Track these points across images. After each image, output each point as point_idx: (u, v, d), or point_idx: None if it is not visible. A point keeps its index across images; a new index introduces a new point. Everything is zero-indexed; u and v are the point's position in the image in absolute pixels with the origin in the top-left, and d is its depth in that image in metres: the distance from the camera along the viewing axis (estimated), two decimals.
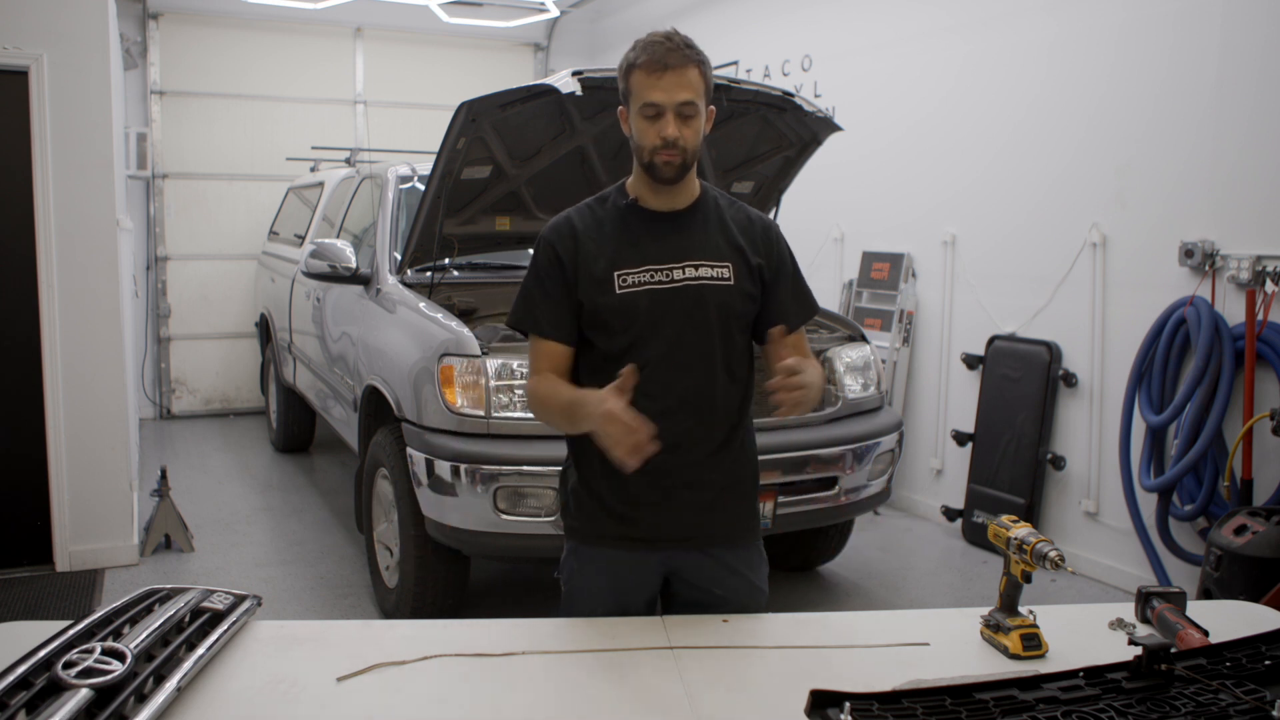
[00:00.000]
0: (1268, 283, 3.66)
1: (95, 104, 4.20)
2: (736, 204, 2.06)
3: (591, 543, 1.97)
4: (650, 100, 1.85)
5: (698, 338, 1.91)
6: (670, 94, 1.84)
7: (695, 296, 1.90)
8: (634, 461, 1.70)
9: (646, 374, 1.82)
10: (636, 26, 7.92)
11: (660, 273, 1.91)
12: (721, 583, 1.98)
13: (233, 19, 7.62)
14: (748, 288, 1.96)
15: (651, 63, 1.84)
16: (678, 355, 1.90)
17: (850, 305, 5.72)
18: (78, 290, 4.19)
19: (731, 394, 1.98)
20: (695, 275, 1.91)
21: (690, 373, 1.92)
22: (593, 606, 1.95)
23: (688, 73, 1.85)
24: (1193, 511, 3.90)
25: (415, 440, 3.44)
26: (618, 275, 1.90)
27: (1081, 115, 4.43)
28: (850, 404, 3.87)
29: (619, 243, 1.93)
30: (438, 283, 4.06)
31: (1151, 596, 1.84)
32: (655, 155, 1.87)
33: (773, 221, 2.08)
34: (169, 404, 7.77)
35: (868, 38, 5.69)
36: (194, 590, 1.75)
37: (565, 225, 1.96)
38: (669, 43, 1.86)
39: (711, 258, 1.93)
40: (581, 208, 2.00)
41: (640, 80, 1.86)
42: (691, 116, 1.87)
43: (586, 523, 1.97)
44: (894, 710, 1.23)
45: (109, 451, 4.31)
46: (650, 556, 1.95)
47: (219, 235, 7.76)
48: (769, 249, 2.01)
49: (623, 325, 1.90)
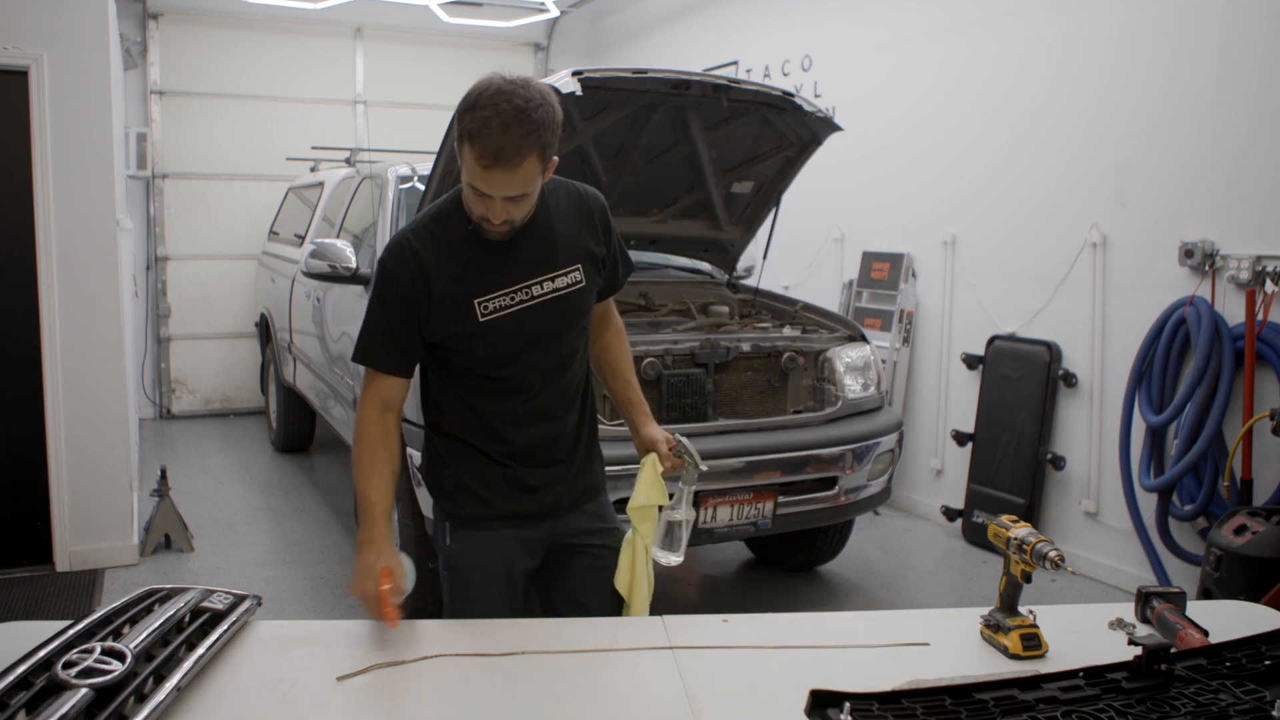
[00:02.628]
0: (1268, 283, 3.66)
1: (95, 104, 4.20)
2: (565, 188, 2.02)
3: (483, 526, 2.03)
4: (477, 186, 1.77)
5: (559, 342, 1.99)
6: (497, 190, 1.76)
7: (554, 309, 1.95)
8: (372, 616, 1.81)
9: (516, 383, 1.95)
10: (636, 26, 7.93)
11: (520, 292, 1.92)
12: (596, 533, 2.11)
13: (233, 19, 7.62)
14: (596, 280, 2.03)
15: (483, 153, 1.71)
16: (543, 363, 1.98)
17: (850, 305, 5.72)
18: (78, 290, 4.19)
19: (583, 373, 2.09)
20: (553, 288, 1.94)
21: (556, 371, 2.00)
22: (485, 583, 2.02)
23: (522, 167, 1.73)
24: (1193, 511, 3.90)
25: (415, 440, 3.44)
26: (478, 304, 1.89)
27: (1081, 115, 4.43)
28: (850, 404, 3.87)
29: (473, 269, 1.89)
30: None
31: (1151, 596, 1.84)
32: (483, 223, 1.84)
33: (598, 194, 2.07)
34: (169, 404, 7.77)
35: (868, 38, 5.69)
36: (194, 590, 1.74)
37: (410, 253, 1.88)
38: (505, 132, 1.69)
39: (563, 265, 1.96)
40: (420, 230, 1.91)
41: (470, 159, 1.74)
42: (523, 198, 1.81)
43: (478, 508, 2.02)
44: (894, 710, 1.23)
45: (109, 451, 4.31)
46: (541, 528, 2.05)
47: (219, 235, 7.76)
48: (605, 232, 2.05)
49: (487, 350, 1.93)
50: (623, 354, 2.22)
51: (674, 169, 4.19)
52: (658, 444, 2.12)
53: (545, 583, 2.13)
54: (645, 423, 2.17)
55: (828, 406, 3.85)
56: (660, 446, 2.12)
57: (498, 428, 1.98)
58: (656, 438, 2.13)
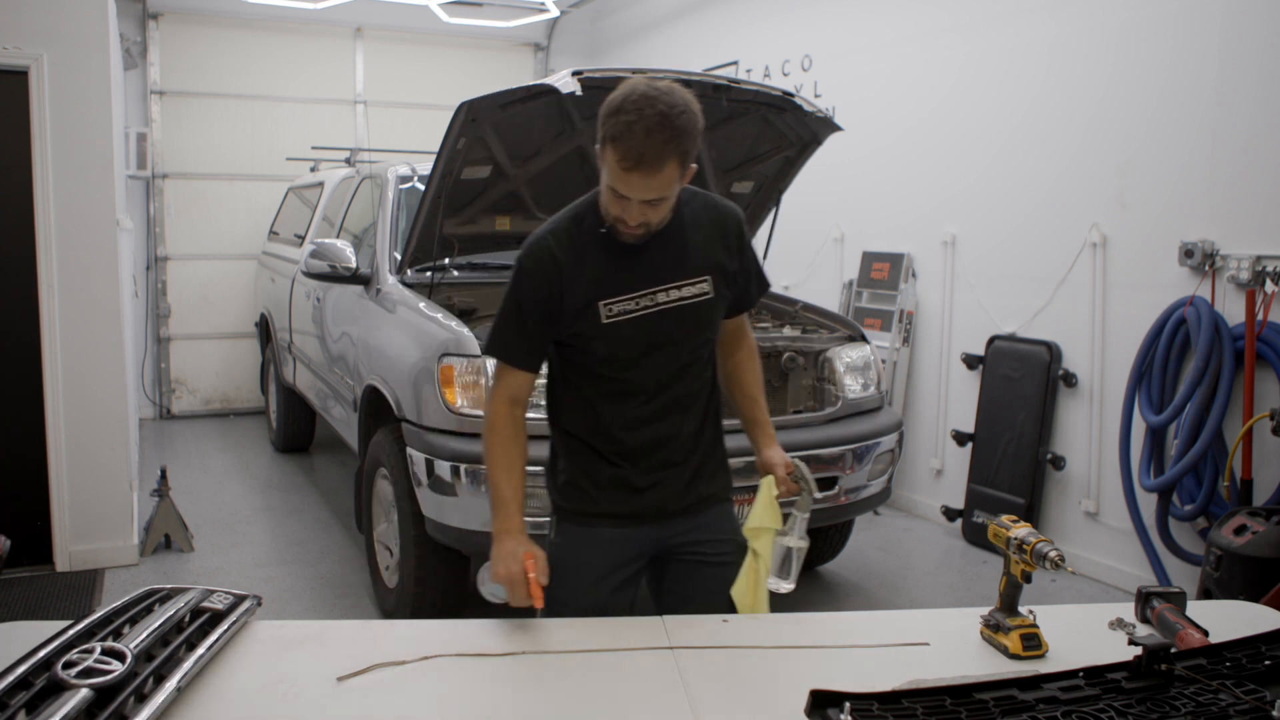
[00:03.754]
0: (1268, 283, 3.66)
1: (95, 104, 4.20)
2: (702, 199, 2.04)
3: (585, 522, 2.04)
4: (617, 189, 1.80)
5: (680, 351, 2.00)
6: (637, 193, 1.78)
7: (677, 317, 1.96)
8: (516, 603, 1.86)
9: (633, 385, 1.98)
10: (636, 26, 7.93)
11: (644, 298, 1.94)
12: (707, 542, 2.10)
13: (233, 19, 7.62)
14: (724, 294, 2.03)
15: (625, 156, 1.74)
16: (662, 370, 1.99)
17: (850, 305, 5.72)
18: (78, 290, 4.19)
19: (707, 381, 2.09)
20: (678, 296, 1.96)
21: (674, 378, 2.01)
22: (584, 577, 2.03)
23: (662, 171, 1.75)
24: (1193, 511, 3.90)
25: (415, 440, 3.44)
26: (602, 306, 1.92)
27: (1081, 115, 4.43)
28: (850, 404, 3.87)
29: (600, 271, 1.92)
30: (438, 283, 4.06)
31: (1151, 596, 1.84)
32: (618, 224, 1.87)
33: (736, 209, 2.09)
34: (169, 404, 7.77)
35: (868, 38, 5.69)
36: (194, 590, 1.74)
37: (547, 255, 1.93)
38: (648, 136, 1.71)
39: (691, 275, 1.97)
40: (559, 232, 1.95)
41: (611, 161, 1.76)
42: (660, 202, 1.82)
43: (583, 504, 2.04)
44: (894, 710, 1.23)
45: (109, 451, 4.31)
46: (646, 530, 2.05)
47: (219, 235, 7.76)
48: (740, 247, 2.05)
49: (608, 352, 1.96)
50: (754, 373, 2.22)
51: None
52: (775, 467, 2.12)
53: (656, 586, 2.15)
54: (767, 444, 2.17)
55: (828, 406, 3.85)
56: (778, 470, 2.11)
57: (611, 427, 2.01)
58: (775, 461, 2.13)
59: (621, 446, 2.01)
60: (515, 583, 1.85)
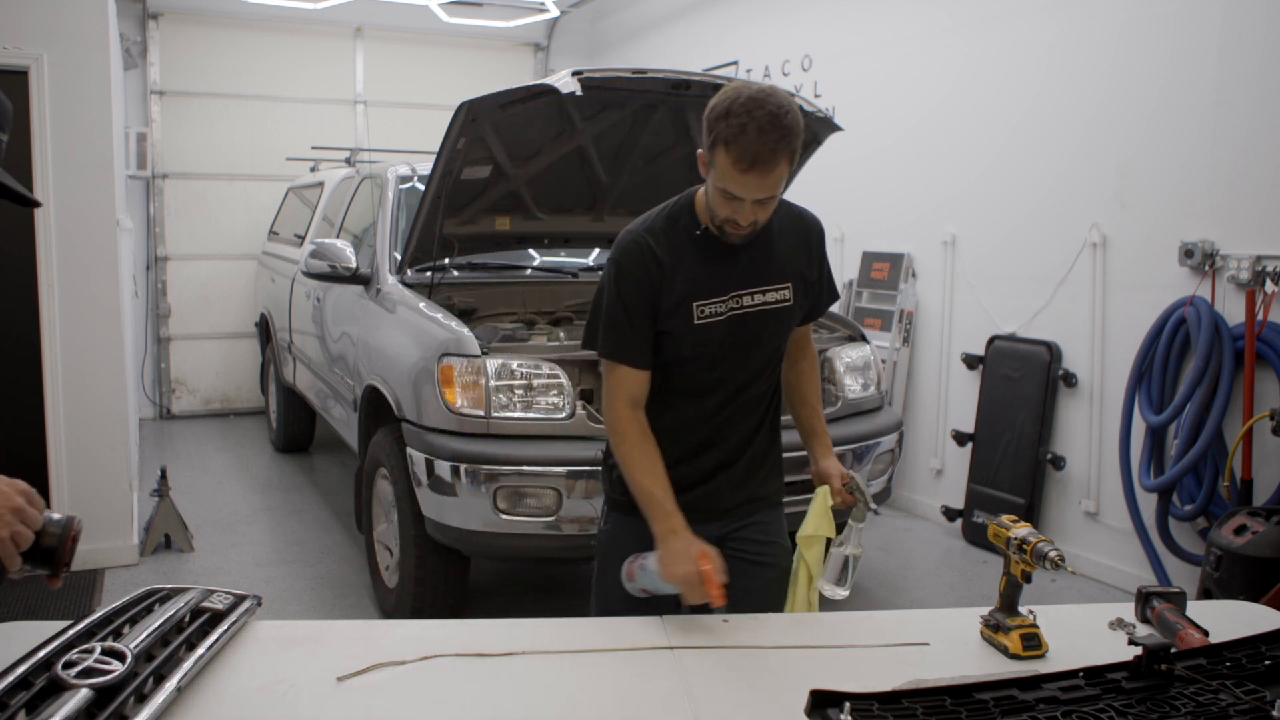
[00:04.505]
0: (1268, 283, 3.66)
1: (95, 104, 4.20)
2: (786, 207, 2.10)
3: (629, 512, 2.05)
4: (730, 190, 1.84)
5: (760, 354, 2.06)
6: (751, 192, 1.83)
7: (761, 321, 2.03)
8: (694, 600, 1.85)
9: (712, 384, 2.02)
10: (636, 26, 7.93)
11: (732, 300, 1.99)
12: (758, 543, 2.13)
13: (233, 19, 7.62)
14: (802, 302, 2.10)
15: (741, 157, 1.78)
16: (739, 370, 2.05)
17: (850, 305, 5.72)
18: (78, 290, 4.19)
19: (774, 385, 2.14)
20: (763, 301, 2.02)
21: (749, 381, 2.07)
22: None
23: (776, 169, 1.80)
24: (1193, 511, 3.90)
25: (415, 440, 3.44)
26: (696, 306, 1.97)
27: (1081, 115, 4.43)
28: (850, 404, 3.87)
29: (695, 272, 1.97)
30: (438, 283, 4.06)
31: (1151, 596, 1.84)
32: (726, 225, 1.91)
33: (818, 220, 2.15)
34: (169, 404, 7.77)
35: (868, 38, 5.69)
36: (194, 590, 1.74)
37: (649, 253, 1.96)
38: (761, 137, 1.77)
39: (776, 281, 2.04)
40: (656, 232, 1.99)
41: (725, 163, 1.81)
42: (770, 201, 1.87)
43: (628, 495, 2.04)
44: (894, 710, 1.23)
45: (109, 451, 4.31)
46: (696, 527, 2.04)
47: (219, 235, 7.76)
48: (820, 257, 2.13)
49: (694, 351, 2.00)
50: (814, 382, 2.27)
51: (674, 169, 4.19)
52: (831, 478, 2.15)
53: None
54: (824, 455, 2.20)
55: (828, 406, 3.85)
56: (834, 481, 2.15)
57: (679, 424, 2.04)
58: (831, 472, 2.16)
59: (685, 443, 2.04)
60: (693, 583, 1.84)
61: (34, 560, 1.31)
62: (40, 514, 1.30)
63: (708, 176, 1.89)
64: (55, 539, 1.32)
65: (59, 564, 1.32)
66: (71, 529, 1.33)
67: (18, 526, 1.26)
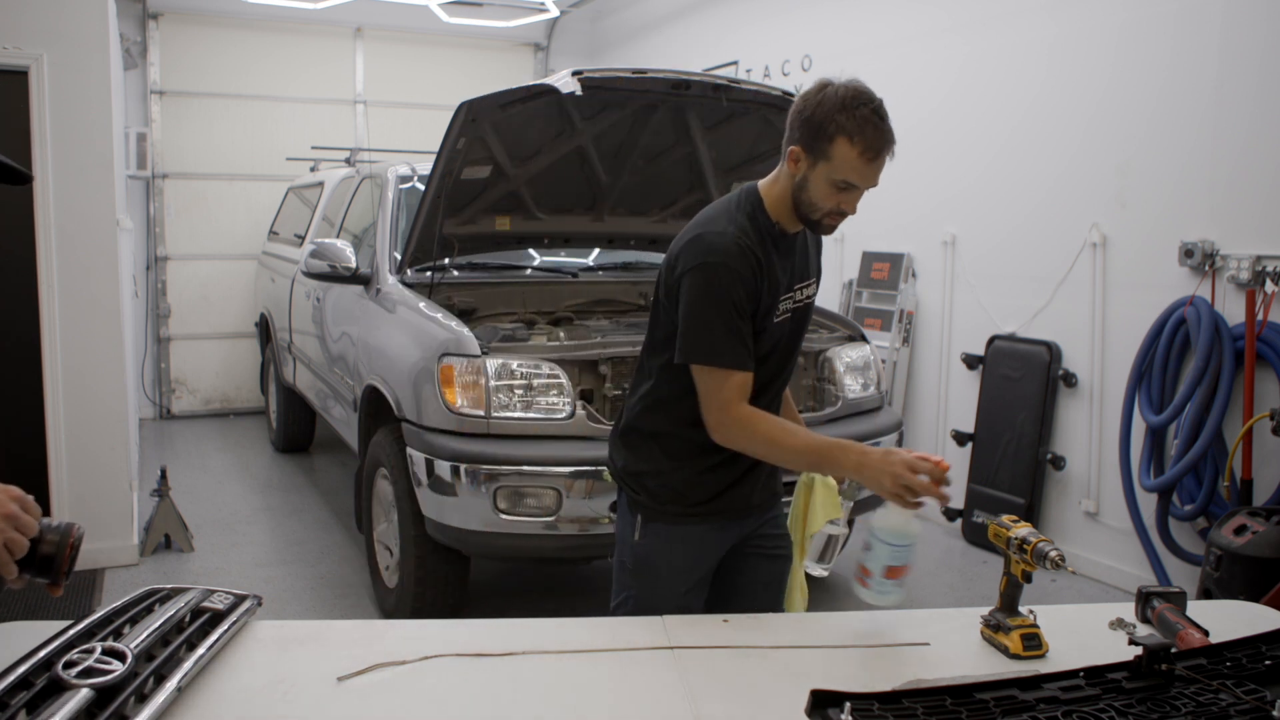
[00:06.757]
0: (1268, 283, 3.66)
1: (95, 104, 4.20)
2: None
3: (679, 522, 2.06)
4: (852, 181, 1.87)
5: (797, 345, 2.12)
6: (872, 181, 1.89)
7: (804, 315, 2.10)
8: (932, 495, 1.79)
9: (766, 379, 2.02)
10: (636, 26, 7.93)
11: (794, 296, 2.04)
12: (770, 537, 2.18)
13: (233, 19, 7.62)
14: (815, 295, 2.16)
15: (868, 147, 1.84)
16: (787, 365, 2.10)
17: (850, 305, 5.72)
18: (78, 290, 4.19)
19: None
20: (805, 296, 2.09)
21: (788, 377, 2.13)
22: (667, 576, 2.06)
23: (887, 159, 1.89)
24: (1193, 511, 3.90)
25: (415, 440, 3.44)
26: (780, 303, 2.00)
27: (1081, 115, 4.43)
28: (850, 404, 3.87)
29: (777, 270, 1.99)
30: (438, 283, 4.06)
31: (1151, 596, 1.84)
32: (826, 218, 1.94)
33: None
34: (169, 404, 7.77)
35: (868, 38, 5.68)
36: (194, 590, 1.74)
37: (750, 254, 1.92)
38: (881, 125, 1.85)
39: (812, 275, 2.12)
40: (746, 231, 1.94)
41: (847, 155, 1.85)
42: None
43: (679, 504, 2.06)
44: (894, 710, 1.23)
45: (109, 451, 4.31)
46: (729, 526, 2.10)
47: (219, 235, 7.76)
48: (819, 246, 2.19)
49: (762, 349, 2.00)
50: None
51: (674, 169, 4.19)
52: None
53: (718, 579, 2.16)
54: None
55: (828, 406, 3.85)
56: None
57: None
58: None
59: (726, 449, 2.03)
60: (914, 485, 1.75)
61: (32, 569, 1.28)
62: (36, 521, 1.27)
63: (803, 171, 1.90)
64: (53, 546, 1.28)
65: (58, 572, 1.29)
66: (70, 536, 1.29)
67: (11, 534, 1.23)
